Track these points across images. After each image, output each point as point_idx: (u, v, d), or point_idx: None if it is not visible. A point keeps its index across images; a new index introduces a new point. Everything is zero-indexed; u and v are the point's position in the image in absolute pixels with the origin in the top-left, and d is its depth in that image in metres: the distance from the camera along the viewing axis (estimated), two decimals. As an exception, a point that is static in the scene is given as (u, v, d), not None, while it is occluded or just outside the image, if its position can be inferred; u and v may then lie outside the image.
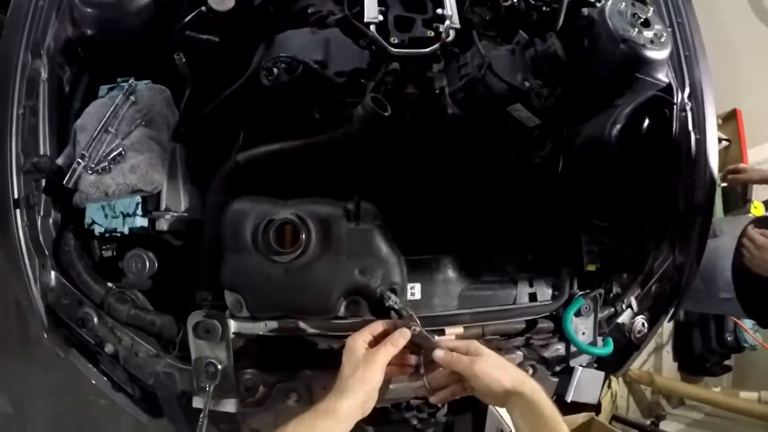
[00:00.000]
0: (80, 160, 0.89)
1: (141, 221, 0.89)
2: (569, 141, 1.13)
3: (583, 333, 1.06)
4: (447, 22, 0.95)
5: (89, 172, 0.89)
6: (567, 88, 1.11)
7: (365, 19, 0.96)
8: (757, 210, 2.12)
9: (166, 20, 1.00)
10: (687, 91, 1.24)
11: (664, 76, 1.15)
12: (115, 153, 0.89)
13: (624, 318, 1.14)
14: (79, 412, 1.68)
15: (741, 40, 2.28)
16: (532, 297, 1.04)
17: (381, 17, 0.97)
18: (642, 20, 1.08)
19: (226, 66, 1.02)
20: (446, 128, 1.02)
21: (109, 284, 0.92)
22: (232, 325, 0.86)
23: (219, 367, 0.84)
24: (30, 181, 0.92)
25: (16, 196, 0.90)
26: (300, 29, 0.97)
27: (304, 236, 0.79)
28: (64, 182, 0.89)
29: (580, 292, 1.05)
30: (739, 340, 2.22)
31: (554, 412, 0.70)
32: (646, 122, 1.16)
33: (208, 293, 0.87)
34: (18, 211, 0.90)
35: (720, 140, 2.21)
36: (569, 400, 1.05)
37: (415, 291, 0.89)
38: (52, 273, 0.91)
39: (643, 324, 1.13)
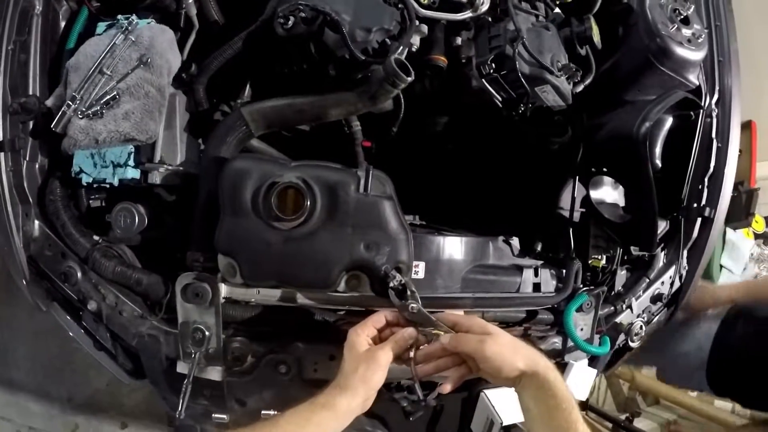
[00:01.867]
0: (70, 103, 0.80)
1: (132, 172, 0.81)
2: (591, 131, 1.06)
3: (582, 329, 1.03)
4: (481, -13, 0.87)
5: (80, 116, 0.80)
6: (595, 76, 1.03)
7: (397, -27, 0.87)
8: (758, 224, 2.09)
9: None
10: (716, 97, 1.19)
11: (695, 78, 1.08)
12: (108, 97, 0.80)
13: (623, 318, 1.11)
14: (63, 358, 1.65)
15: (764, 50, 2.19)
16: (536, 287, 0.99)
17: (414, -27, 0.88)
18: (682, 17, 1.01)
19: (239, 8, 0.92)
20: (467, 101, 0.95)
21: (96, 237, 0.85)
22: (223, 290, 0.79)
23: (206, 333, 0.78)
24: (16, 122, 0.84)
25: (0, 139, 0.82)
26: (322, -22, 0.87)
27: (308, 203, 0.72)
28: (51, 126, 0.81)
29: (584, 288, 1.01)
30: (719, 348, 2.23)
31: (568, 392, 0.65)
32: (670, 122, 1.11)
33: (199, 254, 0.80)
34: (2, 154, 0.82)
35: (731, 149, 2.15)
36: (560, 395, 1.03)
37: (419, 269, 0.83)
38: (36, 222, 0.84)
39: (641, 327, 1.10)
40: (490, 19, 0.90)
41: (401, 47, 0.81)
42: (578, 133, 1.08)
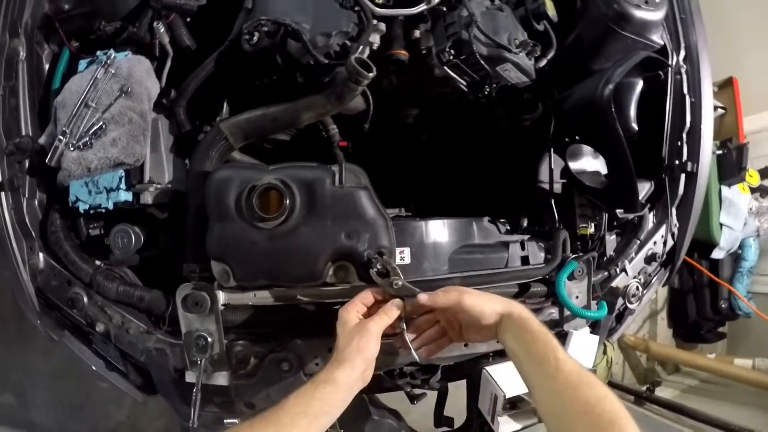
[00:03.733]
0: (61, 137, 0.85)
1: (125, 195, 0.85)
2: (560, 103, 1.08)
3: (577, 296, 1.03)
4: (432, -20, 0.90)
5: (71, 148, 0.85)
6: (560, 50, 1.05)
7: (348, -22, 0.91)
8: (752, 178, 2.06)
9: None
10: (682, 54, 1.19)
11: (658, 38, 1.09)
12: (96, 127, 0.85)
13: (618, 282, 1.11)
14: (81, 396, 1.66)
15: (738, 7, 2.19)
16: (525, 260, 1.00)
17: (364, -24, 0.91)
18: (636, -20, 1.02)
19: (208, 31, 0.96)
20: (433, 90, 0.97)
21: (97, 262, 0.89)
22: (222, 297, 0.82)
23: (209, 339, 0.81)
24: (13, 163, 0.89)
25: (0, 180, 0.87)
26: (281, -8, 0.91)
27: (287, 201, 0.75)
28: (46, 161, 0.85)
29: (573, 256, 1.01)
30: (733, 308, 2.19)
31: (542, 327, 0.68)
32: (640, 85, 1.12)
33: (195, 265, 0.83)
34: (2, 194, 0.87)
35: (716, 108, 2.14)
36: (564, 364, 1.02)
37: (404, 255, 0.85)
38: (41, 255, 0.89)
39: (637, 288, 1.09)
40: (444, 8, 0.93)
41: (361, 47, 0.85)
42: (549, 107, 1.10)
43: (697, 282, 2.22)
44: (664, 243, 1.18)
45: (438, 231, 0.91)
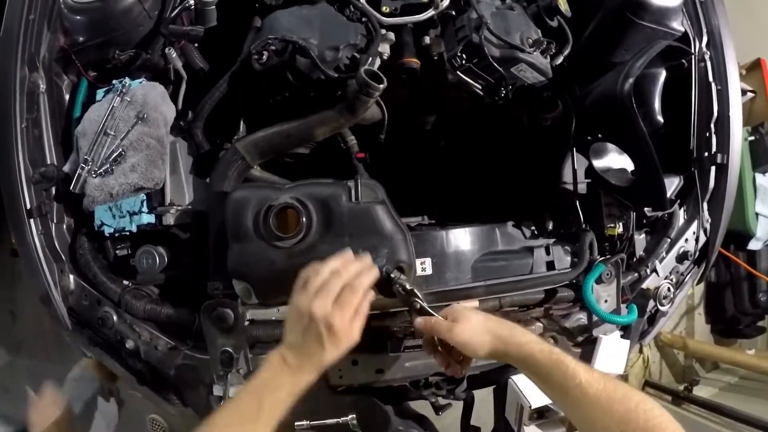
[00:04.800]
0: (84, 165, 0.87)
1: (147, 218, 0.87)
2: (581, 100, 1.03)
3: (606, 300, 0.99)
4: (439, -15, 0.88)
5: (93, 175, 0.87)
6: (578, 46, 1.01)
7: (353, -10, 0.90)
8: (786, 164, 1.94)
9: (159, 17, 0.96)
10: (705, 39, 1.13)
11: (678, 24, 1.04)
12: (115, 154, 0.87)
13: (649, 283, 1.06)
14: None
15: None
16: (550, 265, 0.97)
17: (370, -14, 0.90)
18: (652, -33, 0.97)
19: (220, 53, 0.97)
20: (449, 96, 0.95)
21: (125, 282, 0.91)
22: (247, 313, 0.83)
23: (234, 354, 0.81)
24: (40, 190, 0.92)
25: (28, 207, 0.90)
26: (288, 8, 0.91)
27: (304, 219, 0.74)
28: (71, 188, 0.88)
29: (601, 258, 0.97)
30: (772, 300, 2.07)
31: (548, 351, 0.64)
32: (663, 75, 1.07)
33: (219, 283, 0.85)
34: (32, 220, 0.90)
35: (745, 92, 2.03)
36: (594, 371, 0.98)
37: (426, 266, 0.84)
38: (71, 276, 0.91)
39: (668, 289, 1.04)
40: (453, 12, 0.91)
41: (370, 58, 0.83)
42: (569, 105, 1.06)
43: (734, 275, 2.11)
44: (696, 240, 1.12)
45: (459, 239, 0.89)
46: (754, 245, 1.98)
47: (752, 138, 1.94)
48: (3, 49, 0.94)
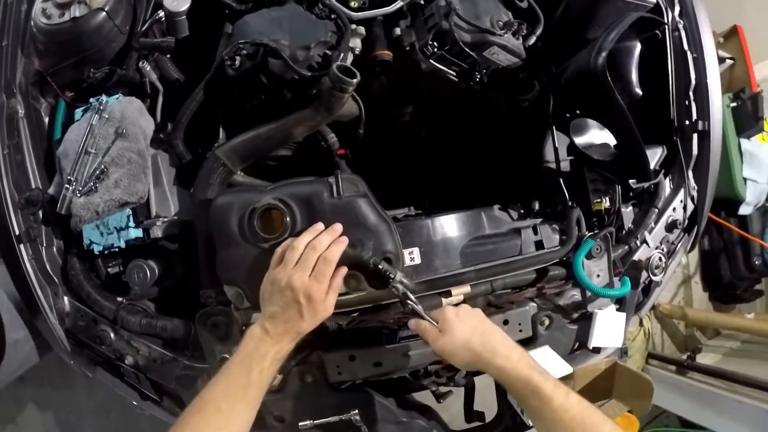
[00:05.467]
0: (68, 186, 0.86)
1: (135, 232, 0.86)
2: (557, 78, 1.02)
3: (598, 275, 0.98)
4: (404, -25, 0.87)
5: (78, 195, 0.86)
6: (551, 25, 1.00)
7: (320, -13, 0.89)
8: (771, 126, 1.93)
9: (130, 31, 0.95)
10: (677, 9, 1.12)
11: (648, -5, 1.02)
12: (98, 172, 0.86)
13: (640, 254, 1.05)
14: (128, 427, 1.68)
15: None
16: (539, 245, 0.96)
17: (336, -18, 0.89)
18: (615, -63, 0.96)
19: (196, 64, 0.96)
20: (424, 85, 0.94)
21: (119, 298, 0.90)
22: (239, 319, 0.82)
23: (232, 361, 0.80)
24: (27, 215, 0.91)
25: (17, 233, 0.89)
26: (257, 12, 0.90)
27: (288, 219, 0.73)
28: (57, 210, 0.87)
29: (589, 234, 0.96)
30: (767, 263, 2.06)
31: (526, 370, 0.65)
32: (639, 48, 1.06)
33: (211, 290, 0.84)
34: (22, 246, 0.89)
35: (723, 59, 2.02)
36: (591, 347, 0.98)
37: (414, 255, 0.82)
38: (65, 298, 0.91)
39: (660, 259, 1.04)
40: (422, 1, 0.90)
41: (342, 54, 0.82)
42: (545, 84, 1.05)
43: (728, 241, 2.10)
44: (684, 208, 1.11)
45: (446, 227, 0.88)
46: (744, 210, 1.97)
47: (734, 104, 1.93)
48: (-22, 77, 0.94)
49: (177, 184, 0.93)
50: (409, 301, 0.73)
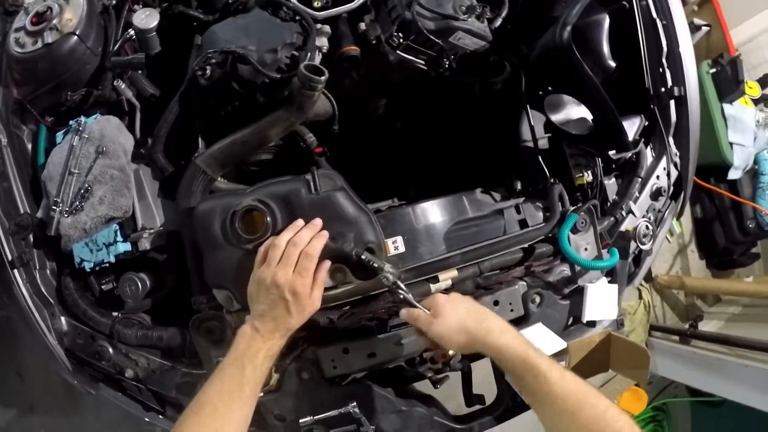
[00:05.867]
0: (55, 207, 0.87)
1: (123, 246, 0.87)
2: (527, 58, 1.02)
3: (586, 249, 0.98)
4: (364, -30, 0.87)
5: (65, 215, 0.87)
6: (519, 6, 1.00)
7: (283, -9, 0.89)
8: (752, 90, 1.91)
9: (103, 52, 0.96)
10: (642, -22, 1.11)
11: (610, -34, 1.02)
12: (82, 191, 0.87)
13: (627, 225, 1.05)
14: None
15: None
16: (523, 224, 0.95)
17: (299, -16, 0.90)
18: None
19: (170, 78, 0.97)
20: (395, 76, 0.94)
21: (114, 313, 0.91)
22: (233, 322, 0.82)
23: (228, 363, 0.80)
24: (18, 240, 0.92)
25: (10, 258, 0.90)
26: (223, 21, 0.91)
27: (268, 218, 0.74)
28: (47, 232, 0.88)
29: (573, 208, 0.96)
30: (761, 225, 2.04)
31: (523, 350, 0.65)
32: (607, 21, 1.06)
33: (203, 297, 0.84)
34: (15, 271, 0.90)
35: (699, 27, 2.01)
36: (585, 321, 0.97)
37: (398, 244, 0.83)
38: (62, 318, 0.92)
39: (647, 227, 1.03)
40: (384, -5, 0.90)
41: (309, 53, 0.83)
42: (516, 65, 1.05)
43: (720, 207, 2.09)
44: (668, 175, 1.11)
45: (427, 213, 0.89)
46: (733, 174, 1.96)
47: (714, 70, 1.92)
48: (-42, 110, 0.95)
49: (161, 196, 0.94)
50: (399, 291, 0.73)
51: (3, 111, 0.95)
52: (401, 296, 0.73)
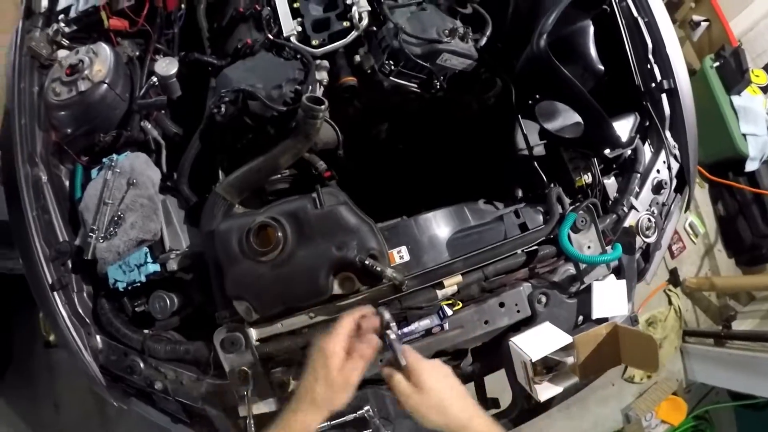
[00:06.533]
0: (91, 234, 0.99)
1: (153, 267, 0.97)
2: (514, 70, 1.09)
3: (589, 247, 1.01)
4: (355, 8, 0.99)
5: (101, 241, 0.98)
6: (506, 24, 1.08)
7: (284, 34, 1.01)
8: (759, 78, 1.91)
9: (130, 97, 1.10)
10: (618, -20, 1.17)
11: (586, -30, 1.09)
12: (115, 218, 0.98)
13: (630, 220, 1.07)
14: None
15: None
16: (523, 228, 1.00)
17: (299, 28, 1.02)
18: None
19: (188, 116, 1.10)
20: (392, 101, 1.03)
21: (145, 331, 1.00)
22: (254, 333, 0.90)
23: (249, 372, 0.88)
24: (58, 266, 1.03)
25: (50, 281, 1.01)
26: (234, 64, 1.03)
27: (280, 233, 0.82)
28: (84, 257, 0.99)
29: (571, 208, 1.00)
30: (786, 216, 1.98)
31: None
32: (591, 26, 1.12)
33: (225, 311, 0.92)
34: (55, 293, 1.01)
35: (699, 23, 2.04)
36: (594, 318, 0.99)
37: (402, 253, 0.89)
38: (98, 337, 1.01)
39: (649, 219, 1.05)
40: (375, 28, 1.01)
41: (310, 86, 0.94)
42: (506, 79, 1.12)
43: (742, 201, 2.05)
44: (669, 168, 1.13)
45: (430, 223, 0.95)
46: (751, 166, 1.93)
47: (717, 64, 1.94)
48: (5, 154, 1.09)
49: (187, 223, 1.04)
50: (388, 331, 0.70)
51: (43, 152, 1.09)
52: (388, 340, 0.70)
